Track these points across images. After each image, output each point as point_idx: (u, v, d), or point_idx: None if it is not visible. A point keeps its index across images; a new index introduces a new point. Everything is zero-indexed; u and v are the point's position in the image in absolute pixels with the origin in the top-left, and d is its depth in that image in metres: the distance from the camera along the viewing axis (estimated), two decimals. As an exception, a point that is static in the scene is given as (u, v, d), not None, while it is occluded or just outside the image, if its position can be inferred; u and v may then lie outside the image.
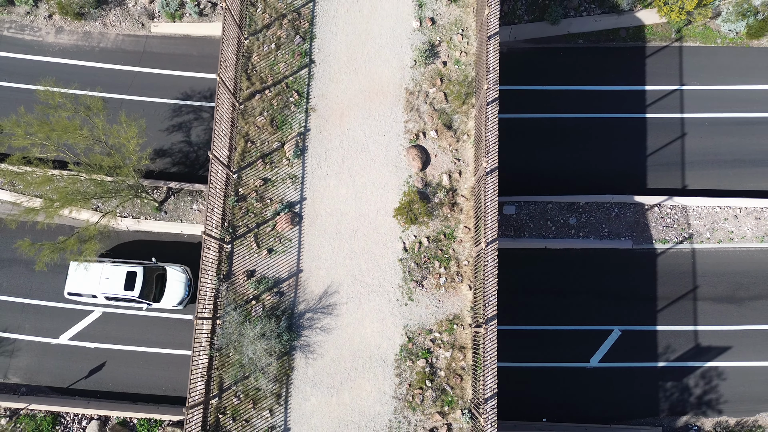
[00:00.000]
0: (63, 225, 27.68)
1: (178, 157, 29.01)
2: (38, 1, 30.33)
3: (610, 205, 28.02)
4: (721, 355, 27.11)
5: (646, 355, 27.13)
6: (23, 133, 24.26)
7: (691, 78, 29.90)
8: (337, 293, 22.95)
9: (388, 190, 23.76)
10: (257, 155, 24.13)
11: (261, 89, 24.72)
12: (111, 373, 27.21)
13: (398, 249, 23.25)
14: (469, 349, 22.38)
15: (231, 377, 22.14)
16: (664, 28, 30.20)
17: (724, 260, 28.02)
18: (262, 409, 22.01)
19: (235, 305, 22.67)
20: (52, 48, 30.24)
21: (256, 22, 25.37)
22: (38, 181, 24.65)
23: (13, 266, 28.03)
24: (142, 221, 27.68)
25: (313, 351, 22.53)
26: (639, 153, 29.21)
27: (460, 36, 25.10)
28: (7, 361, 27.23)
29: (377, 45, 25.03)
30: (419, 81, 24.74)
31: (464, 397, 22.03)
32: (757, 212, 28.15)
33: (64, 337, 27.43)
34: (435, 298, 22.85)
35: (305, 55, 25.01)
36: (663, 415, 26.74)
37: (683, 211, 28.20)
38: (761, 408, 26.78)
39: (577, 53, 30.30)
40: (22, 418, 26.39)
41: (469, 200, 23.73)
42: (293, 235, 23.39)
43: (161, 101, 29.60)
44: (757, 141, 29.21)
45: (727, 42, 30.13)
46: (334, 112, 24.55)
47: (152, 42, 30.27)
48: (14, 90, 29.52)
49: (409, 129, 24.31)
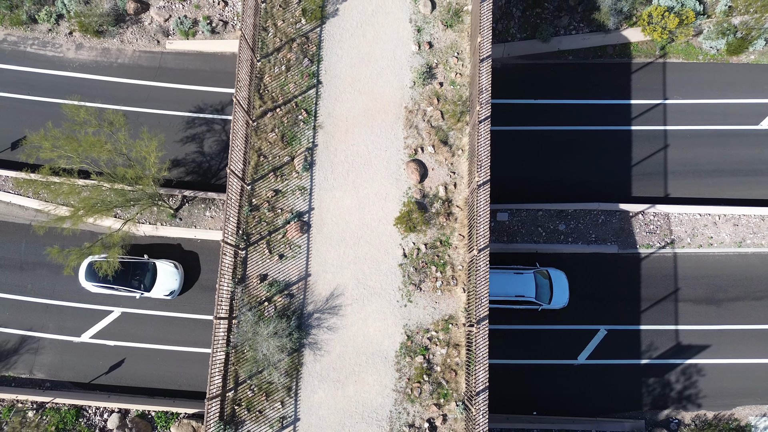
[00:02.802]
0: (85, 231, 28.24)
1: (192, 166, 29.47)
2: (60, 19, 30.94)
3: (597, 213, 28.43)
4: (700, 353, 27.69)
5: (630, 352, 27.65)
6: (50, 146, 24.79)
7: (674, 92, 30.18)
8: (342, 295, 23.29)
9: (389, 201, 24.03)
10: (269, 168, 24.45)
11: (272, 107, 25.06)
12: (130, 370, 27.73)
13: (398, 255, 23.57)
14: (463, 346, 22.70)
15: (246, 372, 22.47)
16: (648, 45, 30.46)
17: (703, 264, 28.49)
18: (274, 401, 22.39)
19: (249, 306, 23.00)
20: (72, 63, 30.72)
21: (268, 45, 25.67)
22: (65, 191, 25.28)
23: (37, 269, 28.62)
24: (159, 227, 28.32)
25: (320, 348, 22.91)
26: (624, 163, 29.36)
27: (456, 59, 25.36)
28: (32, 358, 27.85)
29: (379, 67, 25.32)
30: (418, 100, 25.00)
31: (458, 390, 22.37)
32: (735, 219, 28.57)
33: (85, 336, 28.06)
34: (432, 300, 23.19)
35: (313, 76, 25.32)
36: (646, 409, 27.25)
37: (665, 218, 28.58)
38: (737, 402, 27.36)
39: (567, 69, 30.46)
40: (48, 411, 27.03)
41: (463, 210, 23.94)
42: (302, 242, 23.71)
43: (176, 114, 30.01)
44: (736, 152, 29.50)
45: (709, 58, 30.40)
46: (339, 128, 24.83)
47: (167, 58, 30.69)
48: (37, 103, 30.07)
49: (408, 144, 24.59)
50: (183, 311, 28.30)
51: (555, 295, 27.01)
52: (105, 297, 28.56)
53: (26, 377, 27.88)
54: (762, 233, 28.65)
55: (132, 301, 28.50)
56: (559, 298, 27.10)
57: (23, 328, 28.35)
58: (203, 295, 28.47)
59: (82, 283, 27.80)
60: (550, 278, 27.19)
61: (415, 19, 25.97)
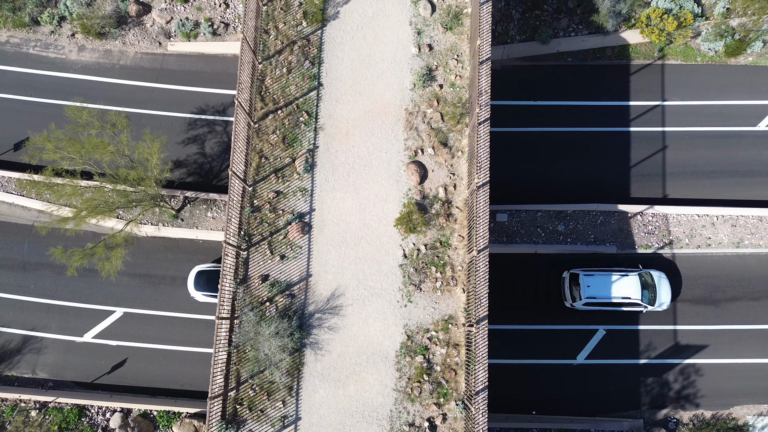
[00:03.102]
0: (87, 231, 28.40)
1: (193, 167, 29.62)
2: (62, 21, 31.12)
3: (596, 213, 28.53)
4: (698, 353, 27.78)
5: (628, 352, 27.77)
6: (53, 147, 25.00)
7: (673, 94, 30.25)
8: (343, 296, 23.41)
9: (389, 202, 24.16)
10: (270, 170, 24.58)
11: (274, 109, 25.19)
12: (132, 369, 27.84)
13: (398, 255, 23.69)
14: (462, 346, 22.80)
15: (247, 371, 22.60)
16: (647, 47, 30.56)
17: (702, 264, 28.58)
18: (276, 400, 22.52)
19: (251, 306, 23.14)
20: (74, 65, 30.88)
21: (269, 48, 25.79)
22: (68, 193, 25.45)
23: (39, 269, 28.77)
24: (161, 228, 28.49)
25: (321, 348, 23.03)
26: (623, 164, 29.44)
27: (455, 61, 25.50)
28: (35, 358, 28.00)
29: (380, 69, 25.46)
30: (418, 102, 25.14)
31: (458, 390, 22.48)
32: (732, 220, 28.66)
33: (87, 336, 28.19)
34: (432, 300, 23.29)
35: (314, 78, 25.48)
36: (644, 409, 27.35)
37: (664, 219, 28.65)
38: (735, 402, 27.43)
39: (566, 70, 30.55)
40: (51, 410, 27.15)
41: (462, 211, 24.05)
42: (303, 243, 23.83)
43: (177, 115, 30.15)
44: (734, 153, 29.58)
45: (707, 60, 30.49)
46: (340, 130, 24.96)
47: (169, 59, 30.85)
48: (40, 105, 30.25)
49: (408, 146, 24.73)
50: (184, 311, 28.40)
51: (658, 297, 27.17)
52: (105, 297, 28.64)
53: (29, 377, 28.04)
54: (760, 234, 28.75)
55: (133, 301, 28.61)
56: (663, 300, 27.25)
57: (26, 328, 28.51)
58: (205, 295, 28.47)
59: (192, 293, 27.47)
60: (652, 279, 27.34)
61: (415, 21, 26.14)
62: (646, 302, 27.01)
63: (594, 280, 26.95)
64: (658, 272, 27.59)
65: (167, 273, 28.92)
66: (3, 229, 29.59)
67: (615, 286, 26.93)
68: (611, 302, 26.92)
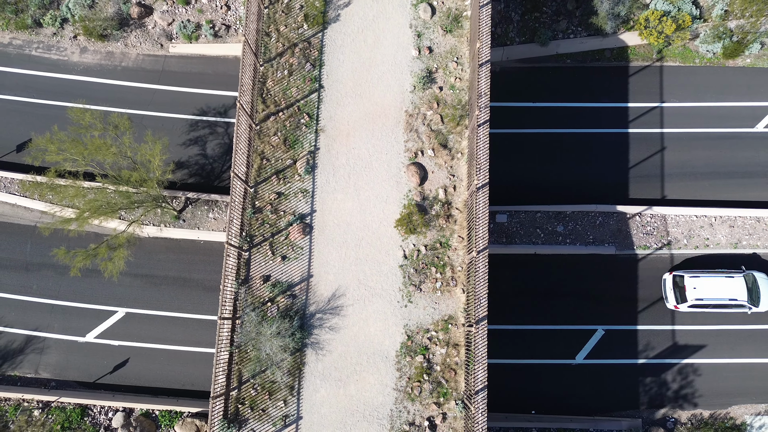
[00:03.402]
0: (90, 232, 28.49)
1: (195, 168, 29.73)
2: (64, 23, 31.24)
3: (594, 214, 28.61)
4: (696, 353, 27.81)
5: (627, 352, 27.81)
6: (56, 149, 25.10)
7: (671, 95, 30.29)
8: (344, 296, 23.56)
9: (389, 203, 24.31)
10: (272, 171, 24.74)
11: (275, 111, 25.34)
12: (134, 369, 27.88)
13: (399, 256, 23.84)
14: (462, 346, 22.91)
15: (249, 371, 22.72)
16: (645, 49, 30.64)
17: (700, 265, 28.46)
18: (277, 399, 22.65)
19: (253, 307, 23.29)
20: (76, 67, 30.99)
21: (271, 50, 25.96)
22: (71, 194, 25.55)
23: (42, 270, 28.86)
24: (163, 229, 28.60)
25: (322, 348, 23.16)
26: (622, 165, 29.50)
27: (455, 63, 25.65)
28: (37, 358, 28.06)
29: (380, 72, 25.63)
30: (418, 104, 25.30)
31: (458, 389, 22.61)
32: (730, 220, 28.71)
33: (90, 336, 28.23)
34: (432, 301, 23.43)
35: (315, 80, 25.64)
36: (643, 408, 27.36)
37: (662, 220, 28.71)
38: (733, 401, 27.43)
39: (565, 72, 30.62)
40: (53, 410, 27.20)
41: (462, 212, 24.18)
42: (304, 244, 23.98)
43: (179, 117, 30.25)
44: (732, 154, 29.66)
45: (705, 62, 30.55)
46: (341, 132, 25.11)
47: (170, 61, 30.98)
48: (42, 106, 30.36)
49: (408, 148, 24.87)
50: (185, 311, 28.48)
51: (763, 298, 27.32)
52: (107, 297, 28.79)
53: (32, 377, 28.12)
54: (757, 234, 28.82)
55: (135, 301, 28.73)
56: (765, 300, 27.41)
57: (29, 328, 28.60)
58: (206, 295, 28.66)
59: None
60: (756, 281, 27.54)
61: (416, 24, 26.29)
62: (753, 303, 27.24)
63: (701, 282, 27.05)
64: (761, 273, 27.83)
65: (169, 273, 29.01)
66: (6, 230, 29.70)
67: (723, 287, 27.01)
68: (719, 304, 27.07)
